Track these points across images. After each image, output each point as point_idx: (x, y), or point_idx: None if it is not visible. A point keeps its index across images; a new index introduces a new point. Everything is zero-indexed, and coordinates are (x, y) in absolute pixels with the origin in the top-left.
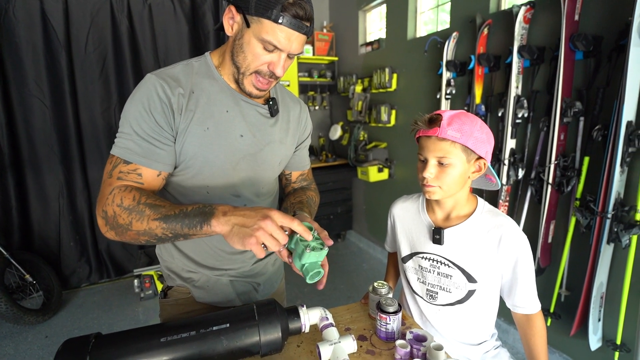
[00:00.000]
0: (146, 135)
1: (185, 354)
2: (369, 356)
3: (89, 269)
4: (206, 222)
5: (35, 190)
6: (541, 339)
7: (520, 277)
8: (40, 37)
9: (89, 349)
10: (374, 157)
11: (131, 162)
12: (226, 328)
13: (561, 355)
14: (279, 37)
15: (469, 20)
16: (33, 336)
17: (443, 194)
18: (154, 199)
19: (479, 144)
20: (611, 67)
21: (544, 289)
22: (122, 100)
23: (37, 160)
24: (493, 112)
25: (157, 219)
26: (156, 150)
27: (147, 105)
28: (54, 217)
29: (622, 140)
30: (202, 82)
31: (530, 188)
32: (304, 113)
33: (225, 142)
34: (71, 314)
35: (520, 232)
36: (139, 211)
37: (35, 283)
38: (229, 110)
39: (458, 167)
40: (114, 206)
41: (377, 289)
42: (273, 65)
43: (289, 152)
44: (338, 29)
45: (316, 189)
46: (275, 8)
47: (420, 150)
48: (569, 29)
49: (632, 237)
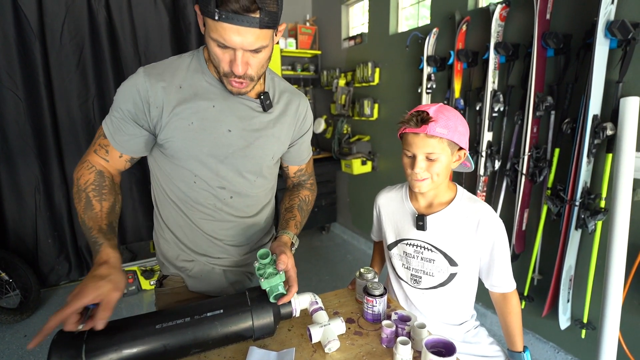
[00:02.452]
0: (116, 119)
1: (181, 340)
2: (357, 337)
3: (69, 266)
4: (93, 257)
5: (9, 186)
6: (516, 315)
7: (497, 259)
8: (11, 26)
9: (84, 337)
10: (358, 150)
11: (107, 137)
12: (220, 314)
13: (534, 336)
14: (222, 34)
15: (449, 17)
16: (11, 335)
17: (432, 186)
18: (94, 194)
19: (462, 137)
20: (579, 64)
21: (518, 273)
22: (100, 92)
23: (11, 154)
24: (471, 106)
25: (81, 217)
26: (121, 135)
27: (125, 94)
28: (30, 213)
29: (588, 133)
30: (192, 77)
31: (506, 178)
32: (303, 106)
33: (211, 136)
34: (51, 312)
35: (496, 217)
36: (80, 198)
37: (12, 281)
38: (215, 106)
39: (444, 160)
40: (77, 175)
41: (364, 274)
42: (231, 64)
43: (283, 146)
44: (321, 23)
45: (313, 184)
46: (210, 5)
47: (408, 147)
48: (541, 27)
49: (597, 223)
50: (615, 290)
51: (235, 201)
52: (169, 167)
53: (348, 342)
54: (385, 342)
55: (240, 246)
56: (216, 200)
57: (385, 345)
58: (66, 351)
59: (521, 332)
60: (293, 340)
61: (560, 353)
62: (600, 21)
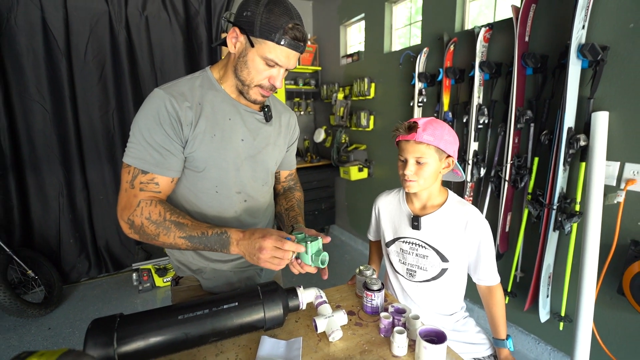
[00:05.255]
0: (157, 145)
1: (201, 329)
2: (358, 327)
3: (89, 264)
4: (225, 248)
5: (35, 190)
6: (500, 306)
7: (483, 255)
8: (41, 44)
9: (116, 326)
10: (355, 158)
11: (148, 172)
12: (235, 306)
13: (517, 328)
14: (280, 56)
15: (438, 38)
16: (36, 328)
17: (420, 187)
18: (177, 216)
19: (448, 145)
20: (555, 82)
21: (502, 271)
22: (120, 105)
23: (38, 161)
24: (458, 118)
25: (182, 237)
26: (168, 159)
27: (157, 118)
28: (54, 216)
29: (564, 144)
30: (206, 94)
31: (490, 184)
32: (293, 119)
33: (230, 146)
34: (72, 306)
35: (482, 218)
36: (166, 227)
37: (37, 278)
38: (231, 118)
39: (432, 165)
40: (142, 218)
41: (363, 271)
42: (273, 79)
43: (282, 153)
44: (321, 42)
45: (301, 187)
46: (278, 32)
47: (401, 152)
48: (520, 48)
49: (573, 225)
50: (589, 286)
51: (248, 204)
52: (191, 181)
53: (350, 332)
54: (383, 332)
55: None
56: (234, 205)
57: (383, 334)
58: (100, 338)
59: (505, 321)
60: (300, 331)
61: (541, 344)
62: (573, 44)
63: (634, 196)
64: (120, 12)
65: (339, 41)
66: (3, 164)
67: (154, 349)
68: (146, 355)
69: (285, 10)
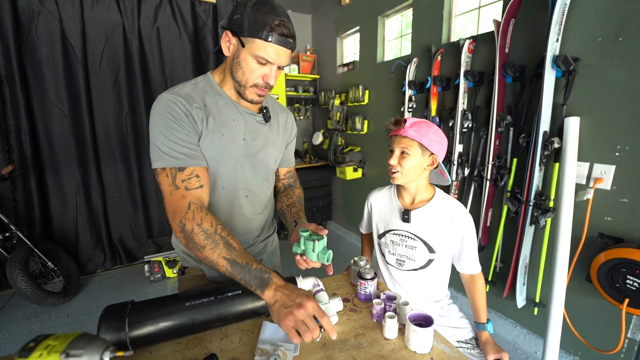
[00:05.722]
0: (182, 142)
1: (207, 315)
2: (352, 313)
3: (104, 256)
4: (260, 289)
5: (55, 188)
6: (482, 293)
7: (466, 246)
8: (59, 53)
9: (127, 312)
10: (350, 159)
11: (185, 167)
12: (239, 294)
13: (496, 314)
14: (269, 52)
15: (426, 49)
16: (56, 315)
17: (403, 179)
18: (227, 233)
19: (432, 143)
20: (532, 90)
21: (483, 262)
22: (133, 109)
23: (57, 162)
24: (445, 122)
25: (226, 258)
26: (196, 150)
27: (173, 117)
28: (72, 212)
29: (540, 146)
30: (210, 96)
31: (474, 183)
32: (290, 119)
33: (235, 145)
34: (89, 295)
35: (466, 212)
36: (215, 241)
37: (56, 269)
38: (235, 119)
39: (415, 158)
40: (194, 224)
41: (357, 261)
42: (267, 77)
43: (281, 151)
44: (319, 52)
45: (300, 185)
46: (265, 29)
47: (391, 144)
48: (501, 58)
49: (547, 220)
50: (561, 274)
51: (249, 199)
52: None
53: (345, 317)
54: (375, 317)
55: (249, 240)
56: (237, 199)
57: (376, 319)
58: (113, 323)
59: (485, 307)
60: None
61: (518, 327)
62: (548, 55)
63: (601, 193)
64: (134, 24)
65: (335, 52)
66: (24, 164)
67: (163, 333)
68: (156, 339)
69: (272, 9)
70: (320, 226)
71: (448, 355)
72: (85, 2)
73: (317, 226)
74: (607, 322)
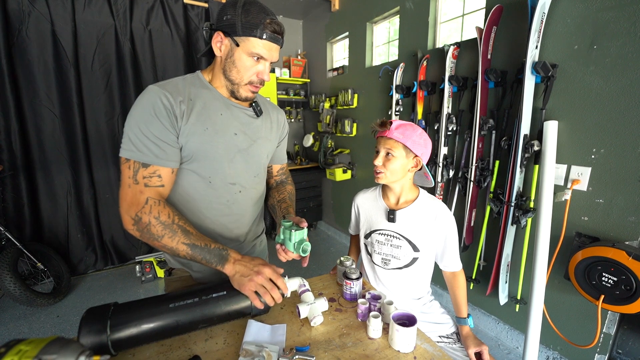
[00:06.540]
0: (155, 138)
1: (191, 317)
2: (338, 313)
3: (95, 257)
4: (220, 264)
5: (45, 189)
6: (463, 289)
7: (449, 245)
8: (50, 55)
9: (109, 314)
10: (340, 161)
11: (149, 164)
12: (223, 295)
13: (480, 311)
14: (264, 49)
15: (413, 54)
16: (45, 316)
17: (387, 179)
18: (184, 222)
19: (416, 146)
20: (513, 94)
21: (467, 261)
22: (125, 111)
23: (47, 162)
24: (431, 125)
25: (185, 243)
26: (166, 150)
27: (152, 111)
28: (63, 212)
29: (520, 148)
30: (198, 91)
31: (458, 184)
32: (282, 116)
33: (222, 139)
34: (80, 296)
35: (449, 212)
36: (173, 230)
37: (46, 270)
38: (222, 114)
39: (399, 159)
40: (151, 217)
41: (343, 261)
42: (261, 74)
43: (273, 147)
44: (310, 57)
45: (292, 182)
46: (259, 28)
47: (376, 145)
48: (484, 64)
49: (528, 220)
50: (541, 272)
51: (242, 195)
52: (185, 172)
53: (330, 317)
54: (360, 317)
55: (239, 237)
56: (229, 196)
57: (360, 319)
58: (94, 326)
59: (466, 302)
60: (285, 317)
61: (500, 324)
62: (527, 62)
63: (578, 194)
64: (126, 26)
65: (326, 56)
66: (14, 165)
67: (146, 335)
68: (138, 341)
69: (261, 9)
70: (302, 219)
71: (431, 354)
72: (77, 4)
73: (299, 219)
74: (584, 318)
